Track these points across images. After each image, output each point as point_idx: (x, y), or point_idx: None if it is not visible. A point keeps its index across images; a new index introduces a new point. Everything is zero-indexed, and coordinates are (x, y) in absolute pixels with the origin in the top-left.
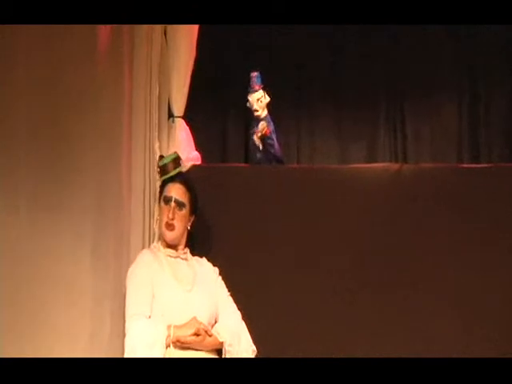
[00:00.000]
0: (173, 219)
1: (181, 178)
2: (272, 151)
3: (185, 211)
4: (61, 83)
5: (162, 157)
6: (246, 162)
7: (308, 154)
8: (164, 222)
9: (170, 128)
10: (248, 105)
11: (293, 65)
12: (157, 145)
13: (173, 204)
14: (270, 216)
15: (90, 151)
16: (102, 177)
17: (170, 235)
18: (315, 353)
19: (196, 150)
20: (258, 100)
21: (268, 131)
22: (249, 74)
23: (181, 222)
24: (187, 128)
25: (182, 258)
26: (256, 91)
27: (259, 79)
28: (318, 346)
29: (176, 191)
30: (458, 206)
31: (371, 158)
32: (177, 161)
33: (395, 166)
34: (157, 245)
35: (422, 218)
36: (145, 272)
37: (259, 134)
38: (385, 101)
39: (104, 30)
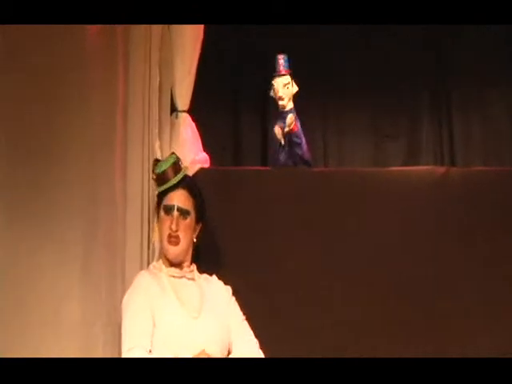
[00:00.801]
0: (177, 231)
1: (183, 183)
2: (299, 152)
3: (190, 220)
4: (45, 83)
5: (157, 161)
6: (263, 164)
7: (336, 155)
8: (166, 236)
9: (172, 124)
10: (271, 93)
11: (318, 52)
12: (157, 144)
13: (175, 213)
14: (291, 228)
15: (77, 153)
16: (91, 183)
17: (173, 251)
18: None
19: (204, 150)
20: (285, 86)
21: (296, 127)
22: (267, 60)
23: (186, 234)
24: (193, 124)
25: (189, 278)
26: (282, 75)
27: (287, 63)
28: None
29: (178, 198)
30: None
31: (412, 160)
32: (177, 165)
33: (441, 170)
34: (157, 264)
35: (471, 227)
36: (143, 298)
37: (286, 129)
38: (428, 94)
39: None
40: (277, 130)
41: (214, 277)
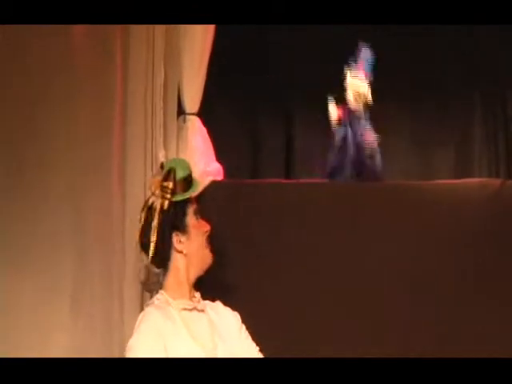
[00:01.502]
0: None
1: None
2: (372, 167)
3: None
4: (33, 87)
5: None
6: (286, 176)
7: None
8: (204, 243)
9: (180, 130)
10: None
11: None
12: (161, 154)
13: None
14: (318, 248)
15: (65, 164)
16: (82, 198)
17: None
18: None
19: (217, 160)
20: (360, 95)
21: (371, 138)
22: (293, 53)
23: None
24: (204, 130)
25: (199, 310)
26: (361, 78)
27: (370, 63)
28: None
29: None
30: None
31: (462, 171)
32: (189, 179)
33: (495, 183)
34: (161, 296)
35: None
36: (155, 340)
37: (362, 100)
38: (480, 96)
39: None
40: (332, 108)
41: (219, 303)
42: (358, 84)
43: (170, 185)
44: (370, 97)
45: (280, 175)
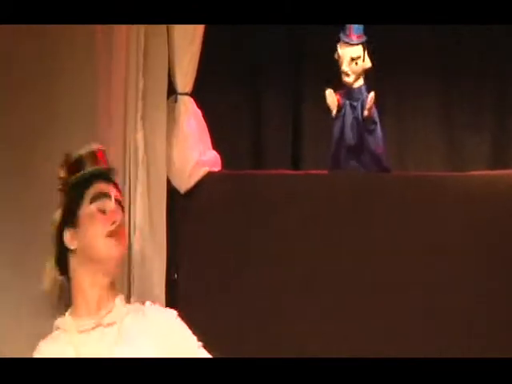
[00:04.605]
0: (119, 225)
1: (111, 176)
2: (372, 148)
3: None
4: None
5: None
6: (294, 166)
7: (396, 153)
8: (101, 234)
9: (170, 112)
10: (335, 56)
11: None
12: (139, 135)
13: (113, 204)
14: (328, 246)
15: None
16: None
17: (120, 250)
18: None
19: (213, 147)
20: (353, 60)
21: (371, 111)
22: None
23: (125, 234)
24: (199, 112)
25: (106, 325)
26: (352, 44)
27: (360, 27)
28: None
29: (110, 189)
30: None
31: (497, 161)
32: (95, 154)
33: None
34: (62, 319)
35: None
36: None
37: (365, 114)
38: None
39: None
40: (330, 94)
41: (148, 304)
42: (349, 50)
43: (62, 173)
44: (367, 59)
45: (286, 165)
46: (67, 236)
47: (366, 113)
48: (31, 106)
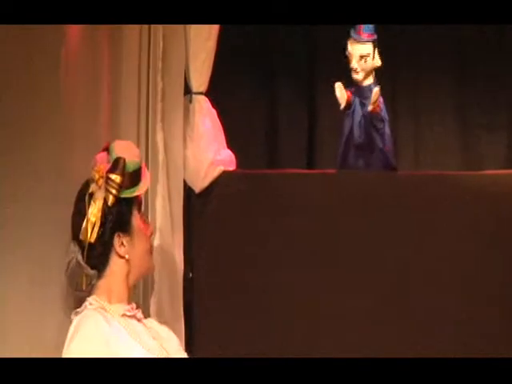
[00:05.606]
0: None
1: None
2: (380, 146)
3: None
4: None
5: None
6: (309, 166)
7: (411, 152)
8: (147, 248)
9: (185, 111)
10: (346, 52)
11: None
12: (159, 136)
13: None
14: (343, 245)
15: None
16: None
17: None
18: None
19: (228, 147)
20: (362, 58)
21: (379, 107)
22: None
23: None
24: (213, 112)
25: (138, 319)
26: (361, 41)
27: (370, 25)
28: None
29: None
30: None
31: None
32: (139, 172)
33: None
34: (95, 303)
35: None
36: (102, 349)
37: (370, 108)
38: None
39: None
40: (339, 87)
41: (153, 320)
42: (359, 47)
43: (118, 179)
44: (376, 58)
45: (301, 164)
46: (117, 242)
47: (370, 107)
48: (44, 108)
